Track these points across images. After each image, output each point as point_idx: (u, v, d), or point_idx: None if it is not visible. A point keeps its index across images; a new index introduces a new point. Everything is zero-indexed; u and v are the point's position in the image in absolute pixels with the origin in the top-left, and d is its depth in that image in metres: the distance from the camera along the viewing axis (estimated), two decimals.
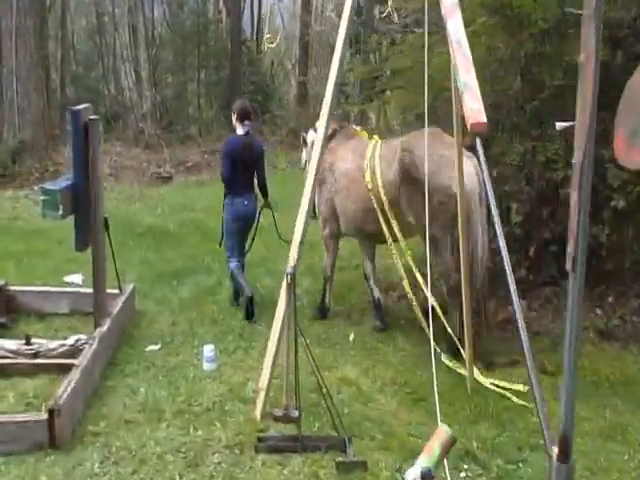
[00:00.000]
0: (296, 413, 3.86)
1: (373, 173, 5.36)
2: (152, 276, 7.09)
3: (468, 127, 2.73)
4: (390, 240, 5.38)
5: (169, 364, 5.04)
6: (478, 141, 2.65)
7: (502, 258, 5.12)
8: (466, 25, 4.40)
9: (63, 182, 5.27)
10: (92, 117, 5.21)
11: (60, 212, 5.05)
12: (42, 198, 5.11)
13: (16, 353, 4.92)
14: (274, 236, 6.43)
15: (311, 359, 3.84)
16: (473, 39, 3.59)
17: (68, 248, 7.98)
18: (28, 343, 4.97)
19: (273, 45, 5.20)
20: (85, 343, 4.94)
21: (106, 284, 5.44)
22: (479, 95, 2.84)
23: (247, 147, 6.20)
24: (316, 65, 26.32)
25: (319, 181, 5.73)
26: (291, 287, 3.81)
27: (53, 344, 4.98)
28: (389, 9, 4.59)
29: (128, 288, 5.98)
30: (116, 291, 5.80)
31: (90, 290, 5.96)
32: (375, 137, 5.81)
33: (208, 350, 4.98)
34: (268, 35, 4.95)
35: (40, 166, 11.16)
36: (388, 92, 25.77)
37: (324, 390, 3.98)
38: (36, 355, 4.92)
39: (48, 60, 14.87)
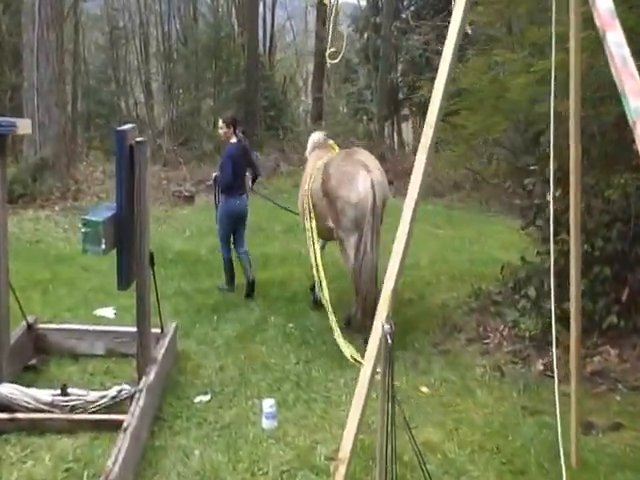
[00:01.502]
0: None
1: (310, 180, 6.31)
2: (190, 310, 6.54)
3: None
4: (311, 239, 6.21)
5: (223, 420, 4.46)
6: None
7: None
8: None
9: (105, 211, 4.70)
10: (139, 139, 4.68)
11: (102, 247, 4.48)
12: (83, 231, 4.52)
13: (51, 406, 4.35)
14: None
15: (411, 438, 3.24)
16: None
17: (94, 275, 7.52)
18: (64, 394, 4.40)
19: (336, 61, 4.69)
20: (129, 395, 4.38)
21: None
22: None
23: (243, 153, 7.11)
24: (328, 82, 25.94)
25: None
26: (390, 349, 3.23)
27: (93, 396, 4.41)
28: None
29: (170, 327, 5.42)
30: (157, 330, 5.25)
31: (127, 328, 5.48)
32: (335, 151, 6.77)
33: (268, 405, 4.40)
34: (332, 49, 4.44)
35: (61, 185, 10.61)
36: (406, 110, 25.24)
37: (423, 467, 3.38)
38: (73, 409, 4.35)
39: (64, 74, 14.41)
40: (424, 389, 4.92)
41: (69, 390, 4.42)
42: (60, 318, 6.18)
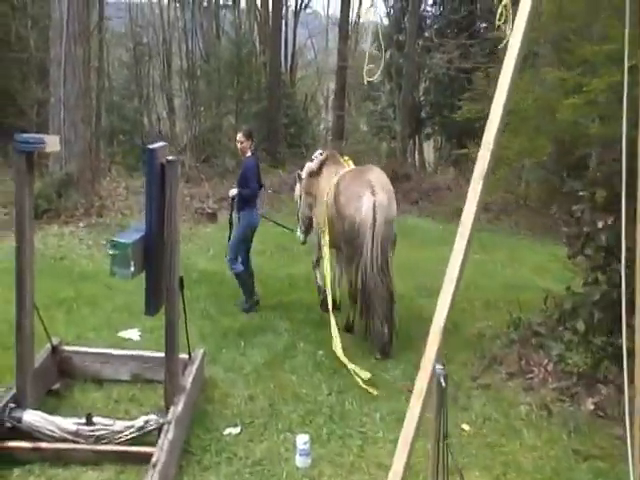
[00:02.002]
0: None
1: (328, 194, 6.60)
2: (216, 334, 6.32)
3: None
4: (326, 249, 6.58)
5: (254, 455, 4.22)
6: None
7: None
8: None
9: (134, 233, 4.51)
10: (170, 158, 4.49)
11: (131, 270, 4.29)
12: (111, 253, 4.33)
13: (75, 435, 4.15)
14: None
15: None
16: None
17: (118, 294, 7.34)
18: (89, 423, 4.20)
19: (373, 79, 4.52)
20: (156, 426, 4.16)
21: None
22: None
23: (258, 165, 7.22)
24: (348, 100, 25.80)
25: (314, 196, 7.14)
26: (443, 392, 3.00)
27: (119, 426, 4.21)
28: (508, 38, 3.70)
29: (198, 353, 5.20)
30: (184, 356, 5.03)
31: (153, 354, 5.29)
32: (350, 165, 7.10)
33: (302, 442, 4.16)
34: (371, 66, 4.27)
35: (86, 201, 10.48)
36: (428, 129, 24.78)
37: None
38: (99, 439, 4.15)
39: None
40: (466, 427, 4.64)
41: (94, 419, 4.22)
42: (84, 339, 6.03)
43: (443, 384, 2.98)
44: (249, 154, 7.07)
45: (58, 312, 6.62)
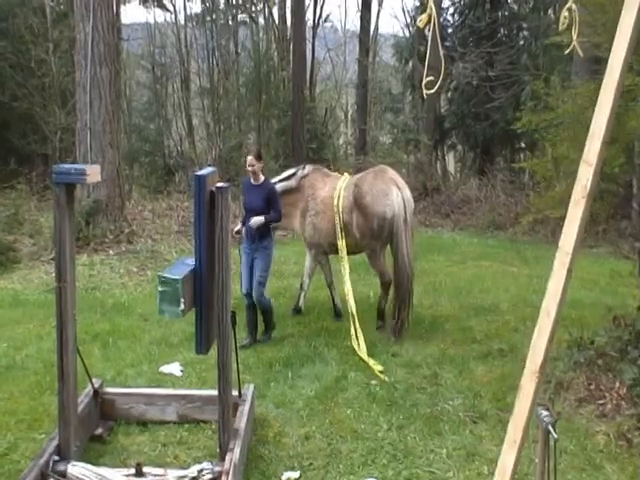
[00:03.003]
0: None
1: (339, 199, 6.83)
2: (261, 366, 6.03)
3: None
4: (343, 253, 6.85)
5: None
6: None
7: None
8: None
9: (183, 267, 4.24)
10: (220, 184, 4.22)
11: (181, 307, 4.03)
12: (160, 289, 4.06)
13: None
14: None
15: None
16: None
17: (154, 326, 7.09)
18: (139, 474, 3.93)
19: (432, 91, 4.24)
20: (212, 476, 3.88)
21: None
22: None
23: None
24: (369, 114, 25.49)
25: (302, 210, 7.23)
26: (554, 444, 2.66)
27: (170, 476, 3.93)
28: (574, 43, 3.40)
29: (249, 391, 4.91)
30: (234, 393, 4.74)
31: (199, 392, 5.06)
32: (346, 174, 7.35)
33: None
34: (431, 78, 3.98)
35: (115, 228, 10.26)
36: (452, 139, 24.46)
37: None
38: None
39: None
40: None
41: (144, 469, 3.95)
42: (123, 375, 5.81)
43: (554, 435, 2.62)
44: (262, 177, 6.45)
45: (94, 347, 6.39)
